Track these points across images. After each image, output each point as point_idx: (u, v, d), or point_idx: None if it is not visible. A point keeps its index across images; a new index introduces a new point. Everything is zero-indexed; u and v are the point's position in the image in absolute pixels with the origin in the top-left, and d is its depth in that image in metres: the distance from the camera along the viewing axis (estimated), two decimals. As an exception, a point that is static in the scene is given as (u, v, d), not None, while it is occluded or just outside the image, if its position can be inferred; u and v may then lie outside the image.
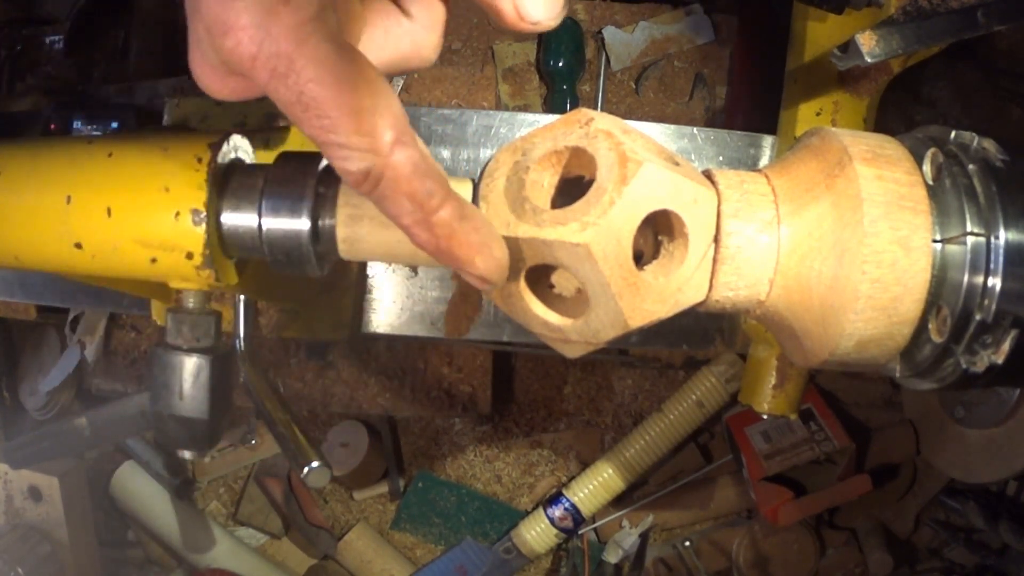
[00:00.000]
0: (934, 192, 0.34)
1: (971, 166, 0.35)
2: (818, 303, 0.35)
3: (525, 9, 0.35)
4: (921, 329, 0.34)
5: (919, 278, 0.33)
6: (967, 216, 0.34)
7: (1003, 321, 0.33)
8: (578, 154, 0.35)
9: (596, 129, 0.34)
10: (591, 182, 0.33)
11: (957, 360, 0.34)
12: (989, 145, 0.35)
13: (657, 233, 0.36)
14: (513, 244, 0.33)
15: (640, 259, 0.35)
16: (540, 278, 0.36)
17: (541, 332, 0.35)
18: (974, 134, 0.36)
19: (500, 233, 0.33)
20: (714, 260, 0.35)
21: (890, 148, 0.36)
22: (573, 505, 1.10)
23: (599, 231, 0.32)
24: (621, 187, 0.32)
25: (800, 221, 0.35)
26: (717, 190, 0.35)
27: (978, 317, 0.33)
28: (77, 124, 0.86)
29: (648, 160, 0.33)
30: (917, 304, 0.34)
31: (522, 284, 0.34)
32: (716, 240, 0.35)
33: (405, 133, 0.33)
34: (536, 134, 0.36)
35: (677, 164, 0.35)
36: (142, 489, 1.15)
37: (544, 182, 0.36)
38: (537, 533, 1.11)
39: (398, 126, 0.32)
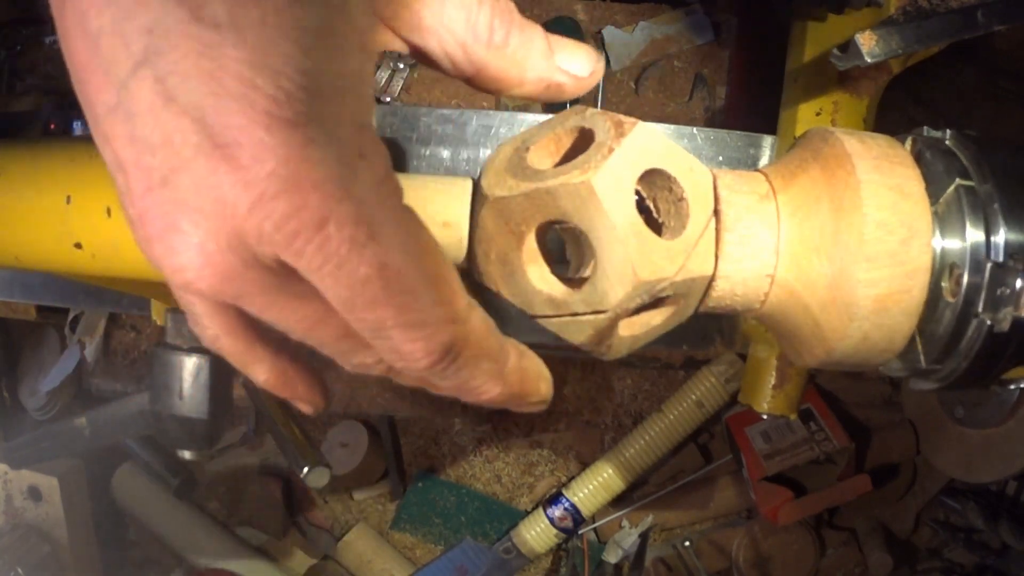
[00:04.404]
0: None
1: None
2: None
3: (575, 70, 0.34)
4: (928, 318, 0.34)
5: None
6: (966, 216, 0.34)
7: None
8: (576, 142, 0.35)
9: (593, 112, 0.35)
10: None
11: (981, 321, 0.33)
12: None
13: (659, 218, 0.36)
14: (516, 203, 0.33)
15: None
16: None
17: (545, 313, 0.34)
18: (971, 132, 0.36)
19: (503, 195, 0.33)
20: (716, 242, 0.35)
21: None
22: (573, 505, 1.10)
23: (601, 172, 0.32)
24: (619, 139, 0.32)
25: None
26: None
27: (987, 281, 0.33)
28: (77, 124, 0.86)
29: (643, 123, 0.33)
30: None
31: (524, 256, 0.34)
32: (717, 228, 0.35)
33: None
34: (534, 128, 0.36)
35: None
36: (142, 489, 1.15)
37: (544, 165, 0.36)
38: (537, 533, 1.11)
39: (461, 281, 0.28)
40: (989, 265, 0.33)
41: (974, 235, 0.34)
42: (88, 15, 0.24)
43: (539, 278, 0.34)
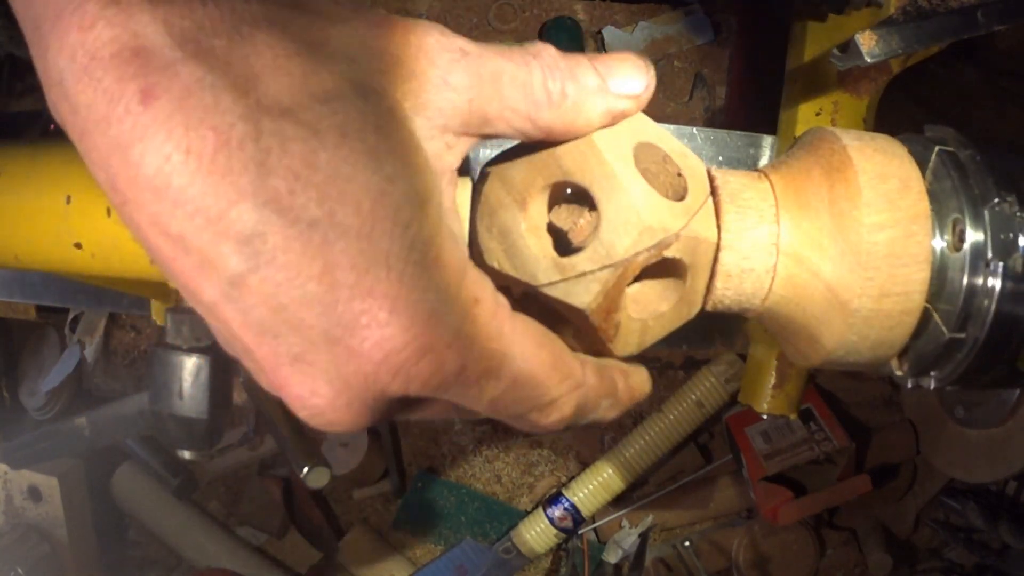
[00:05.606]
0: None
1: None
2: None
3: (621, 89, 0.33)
4: (939, 279, 0.34)
5: (922, 223, 0.33)
6: (953, 175, 0.35)
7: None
8: None
9: None
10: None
11: (995, 266, 0.33)
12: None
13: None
14: (517, 169, 0.33)
15: None
16: None
17: (551, 279, 0.34)
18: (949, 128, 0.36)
19: (504, 163, 0.34)
20: (717, 214, 0.35)
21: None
22: (573, 505, 1.10)
23: (599, 134, 0.33)
24: None
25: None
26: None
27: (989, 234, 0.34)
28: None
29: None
30: (926, 250, 0.34)
31: (526, 224, 0.33)
32: (716, 203, 0.35)
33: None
34: None
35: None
36: (142, 489, 1.15)
37: None
38: (537, 533, 1.11)
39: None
40: (987, 212, 0.33)
41: (965, 191, 0.34)
42: (165, 222, 0.24)
43: (542, 245, 0.33)
